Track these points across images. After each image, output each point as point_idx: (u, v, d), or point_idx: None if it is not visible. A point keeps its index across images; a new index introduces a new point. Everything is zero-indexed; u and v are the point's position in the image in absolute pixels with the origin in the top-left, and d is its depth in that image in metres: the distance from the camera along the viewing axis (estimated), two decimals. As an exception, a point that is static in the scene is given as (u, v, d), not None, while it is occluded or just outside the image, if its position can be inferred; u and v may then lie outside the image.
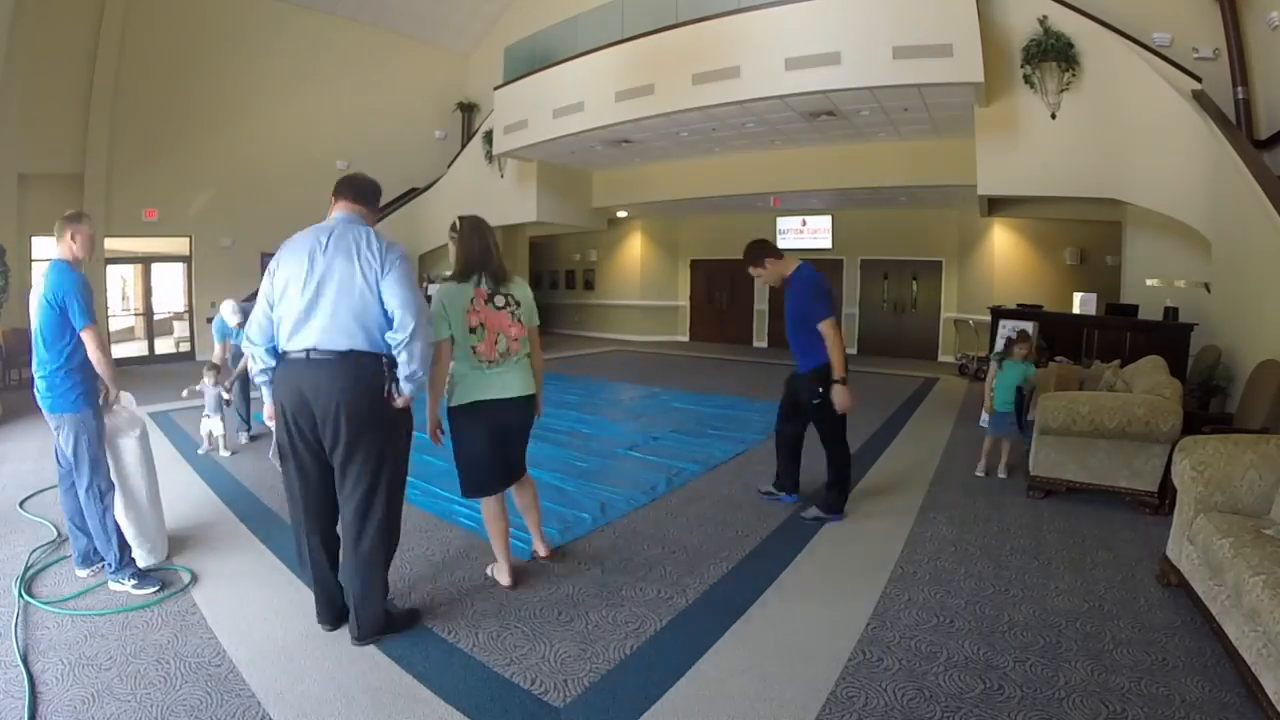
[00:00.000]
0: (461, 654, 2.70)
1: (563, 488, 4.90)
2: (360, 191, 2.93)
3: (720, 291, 16.04)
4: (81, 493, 3.17)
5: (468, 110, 16.10)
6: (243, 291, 12.08)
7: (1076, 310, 7.66)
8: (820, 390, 3.97)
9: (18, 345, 9.36)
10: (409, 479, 2.94)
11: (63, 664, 2.56)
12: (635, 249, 16.67)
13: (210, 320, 7.34)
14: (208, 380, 5.77)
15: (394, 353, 2.64)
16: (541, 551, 3.60)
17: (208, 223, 12.32)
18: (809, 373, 4.04)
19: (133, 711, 2.29)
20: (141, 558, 3.37)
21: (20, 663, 2.54)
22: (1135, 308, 7.52)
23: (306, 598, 3.13)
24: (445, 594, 3.23)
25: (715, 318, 16.15)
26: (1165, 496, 4.23)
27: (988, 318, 8.48)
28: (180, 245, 12.27)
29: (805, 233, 14.44)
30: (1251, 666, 2.36)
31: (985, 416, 5.60)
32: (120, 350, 11.71)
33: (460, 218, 3.26)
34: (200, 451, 5.82)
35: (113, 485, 3.27)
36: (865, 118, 9.51)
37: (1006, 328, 7.04)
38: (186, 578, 3.32)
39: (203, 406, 5.81)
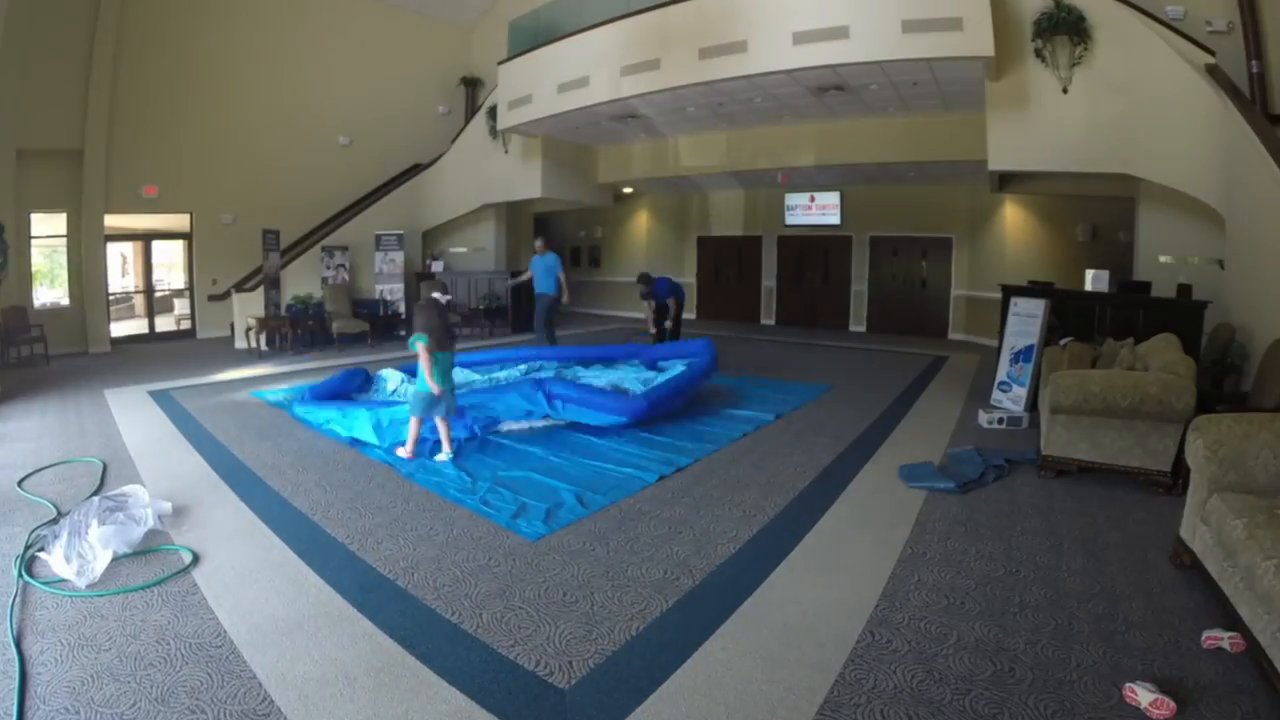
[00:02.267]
0: (465, 635, 2.68)
1: (568, 469, 4.85)
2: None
3: (728, 268, 15.90)
4: None
5: (471, 85, 15.86)
6: (245, 268, 12.03)
7: (1089, 287, 7.55)
8: None
9: (17, 323, 9.33)
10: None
11: (61, 645, 2.54)
12: (641, 225, 16.52)
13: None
14: None
15: None
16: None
17: (209, 199, 12.15)
18: None
19: (132, 692, 2.27)
20: None
21: (13, 645, 2.52)
22: (1148, 285, 7.42)
23: (309, 577, 3.13)
24: (449, 575, 3.20)
25: (723, 295, 16.02)
26: (1178, 476, 4.17)
27: (998, 294, 8.38)
28: (181, 221, 12.12)
29: (814, 209, 14.25)
30: (1266, 650, 2.32)
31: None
32: (120, 329, 11.64)
33: None
34: None
35: None
36: (874, 92, 9.36)
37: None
38: (188, 558, 3.30)
39: None
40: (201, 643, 2.59)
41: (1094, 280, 7.40)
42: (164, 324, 12.44)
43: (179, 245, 12.38)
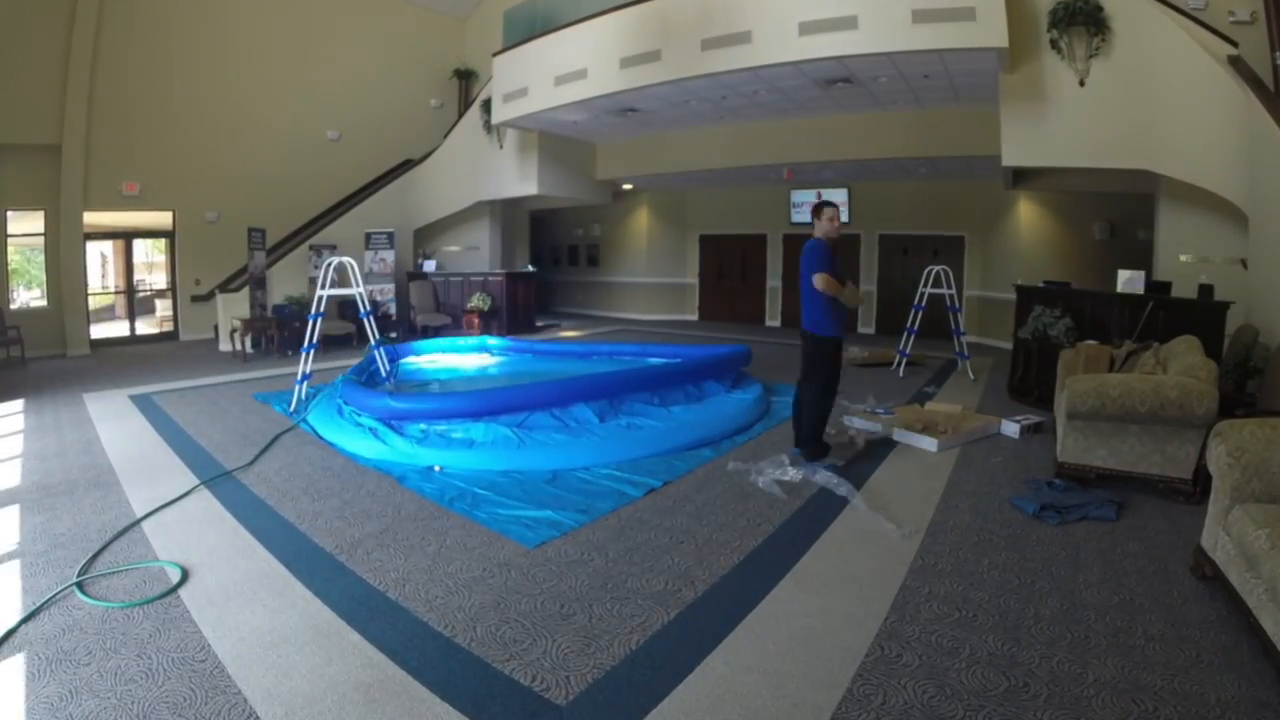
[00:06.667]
0: (459, 649, 2.60)
1: (573, 477, 4.75)
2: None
3: (731, 268, 15.76)
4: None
5: (465, 78, 15.71)
6: (230, 268, 11.81)
7: (1120, 289, 7.37)
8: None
9: (-4, 323, 9.26)
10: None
11: (39, 659, 2.47)
12: (641, 223, 16.36)
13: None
14: None
15: None
16: None
17: (192, 196, 11.94)
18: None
19: (113, 709, 2.20)
20: None
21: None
22: (1168, 284, 7.26)
23: (296, 590, 3.06)
24: (442, 586, 3.11)
25: (725, 295, 15.88)
26: (1199, 484, 4.07)
27: (1012, 295, 8.25)
28: (163, 219, 11.92)
29: (820, 206, 14.14)
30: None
31: None
32: (99, 331, 11.43)
33: None
34: None
35: None
36: (883, 85, 9.20)
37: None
38: (176, 575, 3.17)
39: None
40: (185, 657, 2.50)
41: (1127, 282, 7.18)
42: (145, 326, 12.24)
43: (161, 244, 12.22)
